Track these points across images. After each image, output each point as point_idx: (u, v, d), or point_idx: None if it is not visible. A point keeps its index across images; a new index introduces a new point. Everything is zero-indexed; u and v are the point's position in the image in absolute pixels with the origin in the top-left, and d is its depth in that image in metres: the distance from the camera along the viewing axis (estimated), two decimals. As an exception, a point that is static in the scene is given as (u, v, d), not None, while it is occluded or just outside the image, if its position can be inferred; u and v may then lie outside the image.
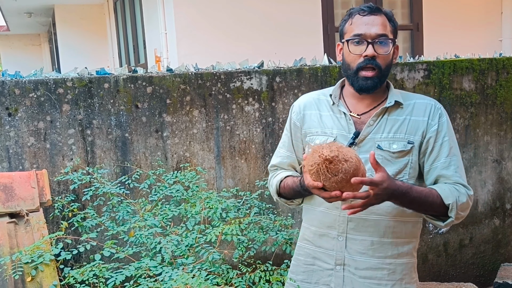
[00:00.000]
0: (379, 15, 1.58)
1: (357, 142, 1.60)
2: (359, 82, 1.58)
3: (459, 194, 1.55)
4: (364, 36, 1.56)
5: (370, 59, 1.55)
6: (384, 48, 1.57)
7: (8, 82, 2.48)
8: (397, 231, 1.62)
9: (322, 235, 1.68)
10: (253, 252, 2.25)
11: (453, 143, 1.63)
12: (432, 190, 1.55)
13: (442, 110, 1.65)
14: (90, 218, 2.20)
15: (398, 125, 1.61)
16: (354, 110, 1.65)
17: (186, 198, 2.33)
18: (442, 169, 1.59)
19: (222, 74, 2.82)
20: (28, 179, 2.15)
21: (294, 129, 1.76)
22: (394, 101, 1.62)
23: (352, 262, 1.63)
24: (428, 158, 1.62)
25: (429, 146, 1.61)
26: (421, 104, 1.64)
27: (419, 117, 1.62)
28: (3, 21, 12.25)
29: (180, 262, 1.90)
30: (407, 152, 1.60)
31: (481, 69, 3.38)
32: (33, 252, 1.75)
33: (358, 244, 1.62)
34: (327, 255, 1.67)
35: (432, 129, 1.61)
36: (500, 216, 3.59)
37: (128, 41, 7.82)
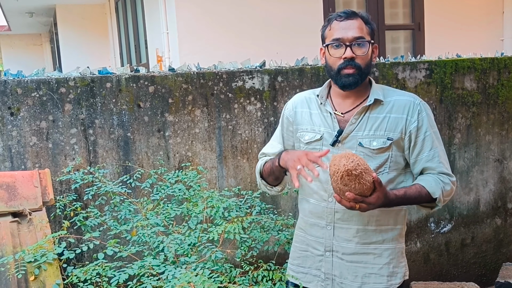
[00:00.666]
0: (355, 19, 1.72)
1: (340, 140, 1.75)
2: (342, 79, 1.71)
3: (444, 184, 1.71)
4: (342, 40, 1.69)
5: (349, 60, 1.69)
6: (361, 49, 1.70)
7: (11, 81, 2.49)
8: (380, 219, 1.77)
9: (313, 225, 1.85)
10: (256, 252, 2.26)
11: (435, 135, 1.76)
12: (421, 188, 1.69)
13: (421, 105, 1.76)
14: (92, 217, 2.20)
15: (378, 123, 1.73)
16: (339, 109, 1.79)
17: (188, 197, 2.33)
18: (427, 162, 1.74)
19: (224, 74, 2.83)
20: (31, 179, 2.15)
21: (286, 123, 1.91)
22: (374, 99, 1.74)
23: (339, 248, 1.79)
24: (412, 152, 1.75)
25: (412, 141, 1.74)
26: (400, 101, 1.76)
27: (398, 115, 1.74)
28: (4, 21, 12.27)
29: (183, 261, 1.90)
30: (386, 148, 1.73)
31: (483, 68, 3.38)
32: (36, 251, 1.76)
33: (345, 232, 1.78)
34: (318, 243, 1.84)
35: (412, 126, 1.73)
36: (501, 215, 3.59)
37: (129, 41, 7.82)
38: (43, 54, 14.68)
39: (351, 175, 1.48)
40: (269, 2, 5.42)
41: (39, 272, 1.73)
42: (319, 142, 1.79)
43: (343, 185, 1.50)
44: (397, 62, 3.20)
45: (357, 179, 1.48)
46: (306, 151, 1.67)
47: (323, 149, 1.75)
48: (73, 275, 1.74)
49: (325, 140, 1.78)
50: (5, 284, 1.70)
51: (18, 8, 9.99)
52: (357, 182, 1.49)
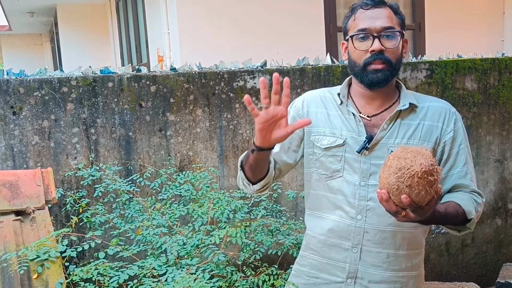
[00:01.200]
0: (383, 8, 1.49)
1: (369, 147, 1.51)
2: (368, 76, 1.47)
3: (476, 205, 1.51)
4: (369, 31, 1.46)
5: (377, 53, 1.45)
6: (391, 41, 1.47)
7: (13, 81, 2.49)
8: (411, 243, 1.57)
9: (333, 246, 1.57)
10: (259, 256, 2.23)
11: (468, 151, 1.57)
12: (458, 208, 1.47)
13: (457, 115, 1.57)
14: (99, 214, 2.21)
15: (412, 131, 1.52)
16: (363, 111, 1.55)
17: (196, 198, 2.33)
18: (460, 178, 1.54)
19: (225, 74, 2.83)
20: (34, 177, 2.16)
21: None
22: (408, 103, 1.52)
23: (366, 275, 1.55)
24: (443, 166, 1.54)
25: (445, 154, 1.54)
26: (435, 107, 1.55)
27: (434, 122, 1.53)
28: (5, 20, 12.28)
29: (184, 263, 1.90)
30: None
31: (484, 69, 3.39)
32: (39, 248, 1.76)
33: (374, 256, 1.54)
34: (338, 267, 1.57)
35: (447, 136, 1.53)
36: (502, 216, 3.60)
37: (130, 40, 7.83)
38: (43, 54, 14.69)
39: (424, 179, 1.22)
40: (270, 2, 5.43)
41: (42, 270, 1.74)
42: (341, 148, 1.53)
43: (406, 186, 1.22)
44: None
45: (427, 185, 1.22)
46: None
47: (346, 156, 1.52)
48: (75, 274, 1.75)
49: (348, 146, 1.52)
50: (8, 282, 1.70)
51: (19, 8, 10.01)
52: (424, 190, 1.23)
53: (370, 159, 1.52)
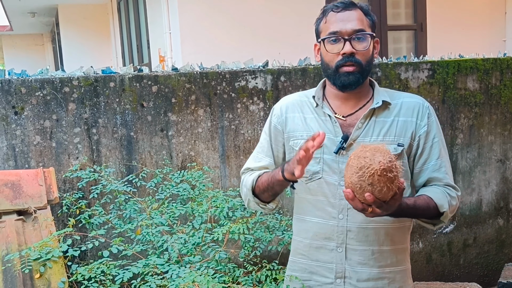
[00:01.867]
0: (354, 10, 1.52)
1: (345, 146, 1.53)
2: (340, 78, 1.51)
3: (450, 198, 1.54)
4: (340, 33, 1.50)
5: (348, 56, 1.49)
6: (362, 43, 1.51)
7: (15, 81, 2.50)
8: (394, 238, 1.59)
9: (319, 248, 1.60)
10: (259, 252, 2.25)
11: (442, 144, 1.60)
12: (429, 200, 1.52)
13: (430, 109, 1.60)
14: (97, 215, 2.21)
15: (387, 128, 1.55)
16: (338, 112, 1.58)
17: (193, 196, 2.34)
18: (433, 172, 1.57)
19: (227, 74, 2.83)
20: (36, 177, 2.16)
21: (274, 132, 1.67)
22: (381, 101, 1.55)
23: (353, 274, 1.57)
24: (418, 160, 1.58)
25: (419, 148, 1.57)
26: (409, 103, 1.58)
27: (408, 118, 1.56)
28: (6, 21, 12.29)
29: (187, 260, 1.91)
30: (397, 156, 1.53)
31: (485, 69, 3.39)
32: (41, 248, 1.76)
33: (359, 254, 1.56)
34: (326, 269, 1.59)
35: (421, 130, 1.56)
36: (504, 216, 3.59)
37: (131, 41, 7.83)
38: (45, 54, 14.70)
39: (384, 176, 1.25)
40: (272, 1, 5.43)
41: (45, 270, 1.74)
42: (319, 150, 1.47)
43: (367, 184, 1.26)
44: (400, 62, 3.21)
45: (387, 182, 1.26)
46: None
47: (325, 158, 1.55)
48: (78, 273, 1.75)
49: (326, 147, 1.54)
50: (10, 281, 1.70)
51: (20, 8, 10.01)
52: (385, 186, 1.26)
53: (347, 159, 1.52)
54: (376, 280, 1.57)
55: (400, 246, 1.61)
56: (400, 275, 1.61)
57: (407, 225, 1.62)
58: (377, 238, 1.56)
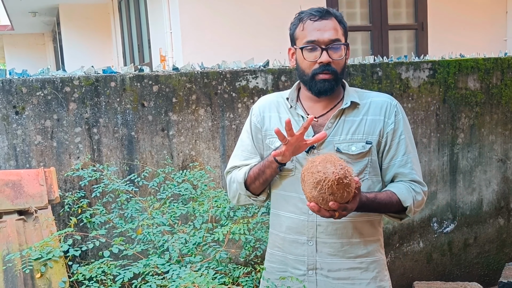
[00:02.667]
0: (330, 19, 1.59)
1: (316, 146, 1.60)
2: (317, 85, 1.59)
3: (415, 193, 1.62)
4: (317, 42, 1.57)
5: (325, 65, 1.57)
6: (338, 52, 1.59)
7: (16, 80, 2.50)
8: (364, 231, 1.66)
9: (292, 241, 1.67)
10: (260, 252, 2.26)
11: (409, 140, 1.67)
12: (392, 195, 1.60)
13: (398, 107, 1.66)
14: (98, 215, 2.22)
15: (355, 126, 1.62)
16: (311, 112, 1.66)
17: (195, 196, 2.34)
18: (399, 167, 1.64)
19: (227, 73, 2.84)
20: (37, 177, 2.16)
21: (255, 130, 1.74)
22: (350, 102, 1.63)
23: (324, 265, 1.65)
24: (386, 156, 1.65)
25: (387, 145, 1.64)
26: (377, 102, 1.66)
27: (376, 116, 1.64)
28: (7, 20, 12.30)
29: (187, 260, 1.91)
30: (366, 153, 1.62)
31: (486, 68, 3.39)
32: (42, 248, 1.77)
33: (329, 247, 1.64)
34: (298, 261, 1.67)
35: (389, 128, 1.63)
36: (504, 215, 3.59)
37: (132, 40, 7.83)
38: (46, 53, 14.71)
39: (341, 184, 1.34)
40: (272, 1, 5.43)
41: (45, 270, 1.74)
42: None
43: (328, 194, 1.35)
44: (401, 62, 3.21)
45: (346, 187, 1.35)
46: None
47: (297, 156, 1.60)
48: (78, 273, 1.75)
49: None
50: (11, 281, 1.71)
51: (21, 8, 10.02)
52: (345, 192, 1.35)
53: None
54: (348, 270, 1.65)
55: (370, 238, 1.68)
56: (373, 265, 1.68)
57: (376, 219, 1.69)
58: (346, 231, 1.64)
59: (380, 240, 1.73)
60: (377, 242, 1.71)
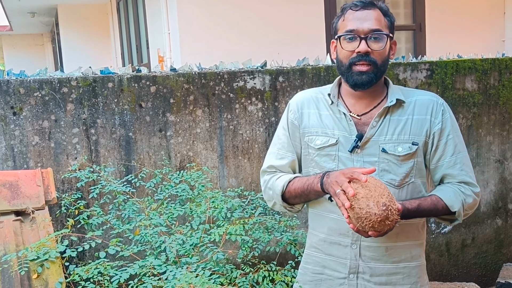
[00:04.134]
0: (372, 9, 1.53)
1: (360, 145, 1.55)
2: (353, 77, 1.52)
3: (465, 196, 1.55)
4: (356, 32, 1.50)
5: (363, 55, 1.50)
6: (378, 43, 1.51)
7: (13, 81, 2.50)
8: (408, 234, 1.61)
9: (333, 243, 1.62)
10: (257, 253, 2.26)
11: (458, 140, 1.60)
12: (438, 201, 1.54)
13: (445, 106, 1.60)
14: (96, 216, 2.22)
15: (401, 126, 1.56)
16: (353, 110, 1.59)
17: (192, 197, 2.34)
18: (448, 168, 1.57)
19: (225, 74, 2.84)
20: (34, 177, 2.16)
21: (292, 128, 1.68)
22: (395, 99, 1.56)
23: (367, 269, 1.59)
24: (433, 157, 1.58)
25: (434, 145, 1.57)
26: (423, 101, 1.59)
27: (422, 116, 1.57)
28: (6, 21, 12.29)
29: (184, 261, 1.91)
30: (412, 154, 1.55)
31: (484, 69, 3.39)
32: (39, 249, 1.77)
33: (373, 251, 1.58)
34: (339, 264, 1.62)
35: (436, 127, 1.57)
36: (502, 216, 3.59)
37: (131, 41, 7.84)
38: (44, 54, 14.70)
39: (382, 223, 1.33)
40: (270, 2, 5.43)
41: (42, 270, 1.74)
42: (334, 147, 1.58)
43: (369, 227, 1.35)
44: (398, 62, 3.21)
45: (387, 225, 1.35)
46: (344, 171, 1.44)
47: (340, 155, 1.57)
48: (75, 274, 1.75)
49: (341, 145, 1.57)
50: (8, 282, 1.71)
51: (20, 8, 10.02)
52: (386, 225, 1.35)
53: (363, 157, 1.56)
54: (390, 275, 1.60)
55: (414, 242, 1.63)
56: (416, 271, 1.63)
57: (421, 222, 1.64)
58: (391, 235, 1.55)
59: (424, 244, 1.68)
60: (421, 246, 1.66)
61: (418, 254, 1.64)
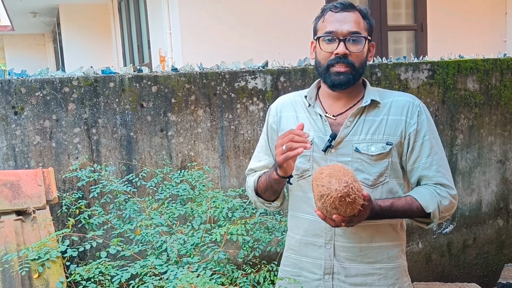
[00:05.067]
0: (352, 12, 1.54)
1: (334, 145, 1.56)
2: (331, 77, 1.54)
3: (440, 198, 1.54)
4: (335, 34, 1.52)
5: (341, 57, 1.52)
6: (357, 45, 1.53)
7: (15, 81, 2.50)
8: (385, 235, 1.60)
9: (308, 244, 1.62)
10: (258, 253, 2.26)
11: (435, 141, 1.59)
12: (412, 201, 1.53)
13: (421, 107, 1.60)
14: (97, 215, 2.22)
15: (375, 126, 1.56)
16: (330, 111, 1.61)
17: (193, 197, 2.34)
18: (424, 170, 1.57)
19: (226, 74, 2.84)
20: (35, 177, 2.16)
21: (270, 132, 1.72)
22: (370, 100, 1.57)
23: (341, 270, 1.59)
24: (409, 158, 1.58)
25: (409, 146, 1.57)
26: (399, 102, 1.59)
27: (397, 116, 1.57)
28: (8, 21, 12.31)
29: (185, 261, 1.91)
30: (386, 154, 1.55)
31: (485, 69, 3.39)
32: (40, 249, 1.77)
33: (347, 251, 1.58)
34: (314, 265, 1.62)
35: (411, 128, 1.57)
36: (504, 216, 3.59)
37: (132, 41, 7.84)
38: (46, 54, 14.72)
39: (344, 201, 1.31)
40: (271, 2, 5.43)
41: (43, 270, 1.74)
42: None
43: (331, 208, 1.34)
44: (400, 62, 3.21)
45: (349, 205, 1.32)
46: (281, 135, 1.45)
47: (314, 155, 1.58)
48: (76, 273, 1.75)
49: (315, 145, 1.58)
50: (9, 281, 1.71)
51: (21, 8, 10.03)
52: (349, 208, 1.33)
53: (336, 157, 1.57)
54: (366, 276, 1.59)
55: (391, 243, 1.61)
56: (393, 272, 1.61)
57: (398, 222, 1.63)
58: (365, 235, 1.57)
59: (402, 245, 1.66)
60: (399, 247, 1.64)
61: (395, 255, 1.62)
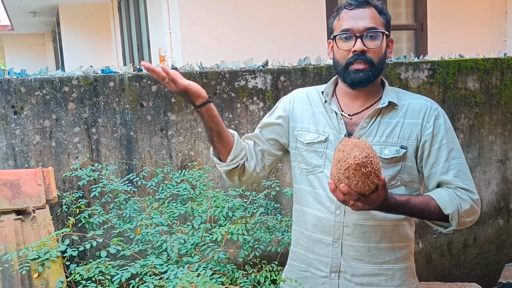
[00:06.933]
0: (367, 8, 1.51)
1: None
2: (350, 75, 1.51)
3: (460, 201, 1.48)
4: (351, 31, 1.49)
5: (359, 54, 1.48)
6: (374, 41, 1.49)
7: (14, 80, 2.50)
8: (393, 236, 1.57)
9: (316, 241, 1.60)
10: (258, 252, 2.25)
11: (453, 145, 1.55)
12: (430, 200, 1.48)
13: (439, 111, 1.56)
14: (97, 215, 2.21)
15: (390, 129, 1.53)
16: (346, 109, 1.58)
17: (193, 196, 2.34)
18: (442, 175, 1.52)
19: (226, 73, 2.83)
20: (35, 177, 2.16)
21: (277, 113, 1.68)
22: (388, 102, 1.54)
23: (348, 269, 1.57)
24: (426, 163, 1.54)
25: (425, 151, 1.53)
26: (415, 105, 1.56)
27: (413, 120, 1.53)
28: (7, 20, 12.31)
29: (185, 261, 1.90)
30: (399, 158, 1.52)
31: (486, 69, 3.38)
32: (39, 248, 1.76)
33: (355, 250, 1.56)
34: (321, 262, 1.60)
35: (427, 133, 1.53)
36: (504, 216, 3.59)
37: (132, 40, 7.84)
38: (45, 53, 14.71)
39: (359, 171, 1.26)
40: (271, 1, 5.43)
41: (43, 270, 1.74)
42: (323, 144, 1.57)
43: (344, 177, 1.29)
44: (400, 62, 3.20)
45: (362, 177, 1.27)
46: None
47: (327, 152, 1.56)
48: (76, 273, 1.75)
49: (330, 143, 1.56)
50: (8, 281, 1.70)
51: (21, 8, 10.03)
52: (361, 180, 1.27)
53: None
54: (372, 276, 1.57)
55: (400, 244, 1.59)
56: (400, 273, 1.59)
57: (408, 223, 1.60)
58: (374, 235, 1.55)
59: (411, 246, 1.63)
60: (407, 249, 1.61)
61: (403, 257, 1.60)
